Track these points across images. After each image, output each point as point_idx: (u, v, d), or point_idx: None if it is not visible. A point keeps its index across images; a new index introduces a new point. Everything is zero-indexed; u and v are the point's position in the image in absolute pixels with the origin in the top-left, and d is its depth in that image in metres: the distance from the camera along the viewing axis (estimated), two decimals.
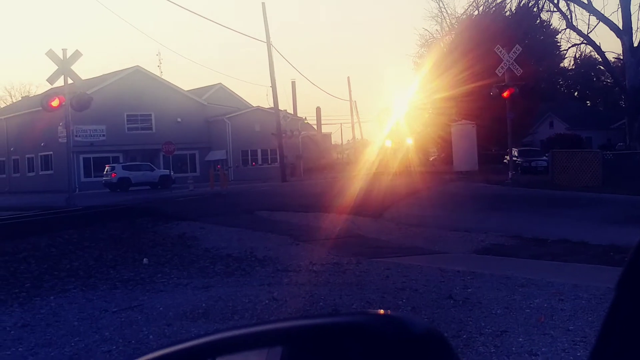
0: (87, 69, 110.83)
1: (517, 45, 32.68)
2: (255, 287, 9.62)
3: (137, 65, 62.00)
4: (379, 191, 26.55)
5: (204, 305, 8.51)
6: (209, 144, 63.85)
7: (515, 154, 41.23)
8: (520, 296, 8.05)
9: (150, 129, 60.73)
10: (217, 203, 25.01)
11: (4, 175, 66.86)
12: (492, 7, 53.75)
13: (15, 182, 63.73)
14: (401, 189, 26.50)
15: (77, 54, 27.26)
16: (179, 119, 60.88)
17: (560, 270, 10.06)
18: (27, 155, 62.31)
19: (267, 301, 8.55)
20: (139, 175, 49.18)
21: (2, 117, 67.76)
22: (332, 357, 1.10)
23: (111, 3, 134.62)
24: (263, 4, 43.41)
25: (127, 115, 59.74)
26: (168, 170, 47.07)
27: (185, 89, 66.37)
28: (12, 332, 7.71)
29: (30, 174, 62.21)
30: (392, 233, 15.57)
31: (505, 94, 31.43)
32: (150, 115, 60.93)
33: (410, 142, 46.97)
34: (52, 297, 9.53)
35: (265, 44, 43.91)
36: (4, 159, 66.89)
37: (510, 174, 31.51)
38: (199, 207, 22.35)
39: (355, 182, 31.49)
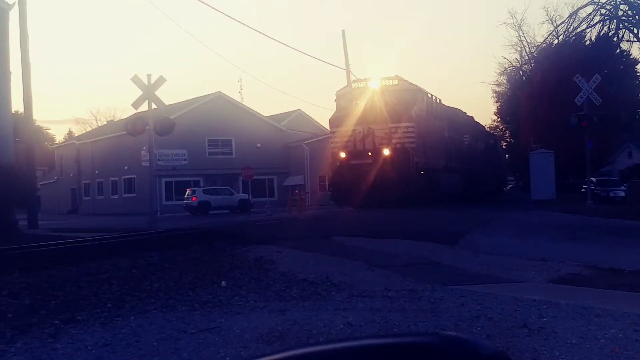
0: (171, 94, 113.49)
1: (596, 75, 32.22)
2: (330, 311, 9.66)
3: (219, 91, 63.38)
4: (454, 218, 26.37)
5: (279, 328, 8.60)
6: (287, 169, 64.47)
7: (593, 183, 40.42)
8: (595, 326, 7.91)
9: (231, 153, 61.74)
10: (294, 228, 25.18)
11: (89, 198, 68.89)
12: (572, 36, 53.15)
13: (99, 205, 65.56)
14: (476, 217, 26.23)
15: (161, 80, 28.01)
16: (258, 144, 61.71)
17: (636, 301, 9.83)
18: (111, 178, 64.06)
19: (342, 326, 8.59)
20: (219, 199, 49.93)
21: (88, 141, 69.95)
22: None
23: (196, 31, 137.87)
24: (343, 31, 44.17)
25: (208, 140, 60.93)
26: (247, 195, 47.65)
27: (265, 115, 67.33)
28: (93, 351, 7.92)
29: (114, 197, 63.89)
30: (468, 260, 15.41)
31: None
32: (230, 140, 61.97)
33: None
34: (132, 318, 9.75)
35: (345, 70, 44.28)
36: (89, 181, 68.97)
37: (587, 203, 30.89)
38: (276, 232, 22.56)
39: (432, 209, 31.33)
